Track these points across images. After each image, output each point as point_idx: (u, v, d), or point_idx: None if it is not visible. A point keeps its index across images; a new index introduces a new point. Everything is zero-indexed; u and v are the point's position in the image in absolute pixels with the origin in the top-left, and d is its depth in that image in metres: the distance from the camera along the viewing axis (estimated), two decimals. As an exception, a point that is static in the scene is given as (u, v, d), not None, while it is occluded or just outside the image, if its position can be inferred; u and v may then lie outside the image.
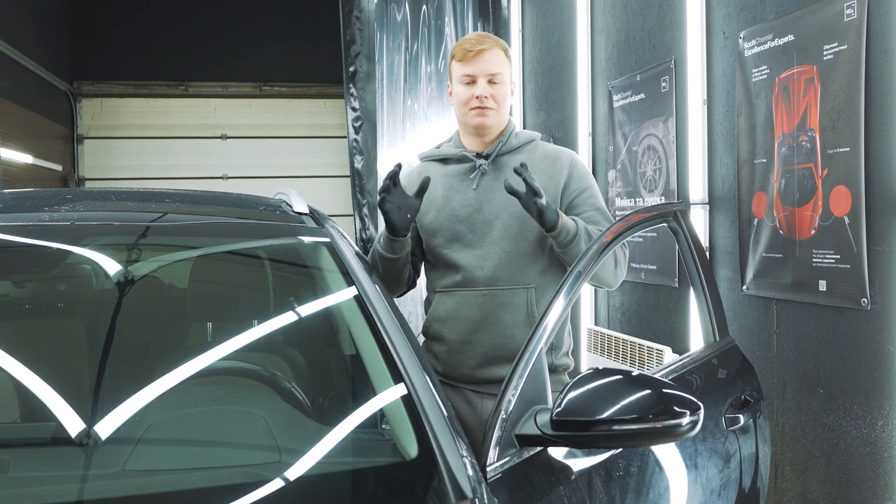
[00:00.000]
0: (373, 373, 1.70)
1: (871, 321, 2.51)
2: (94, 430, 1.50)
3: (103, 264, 1.82)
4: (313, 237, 2.00)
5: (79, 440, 1.44)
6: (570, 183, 2.36)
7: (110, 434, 1.52)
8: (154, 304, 1.91)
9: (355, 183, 5.54)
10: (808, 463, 2.83)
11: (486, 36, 2.38)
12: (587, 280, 2.07)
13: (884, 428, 2.49)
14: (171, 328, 1.89)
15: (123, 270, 1.85)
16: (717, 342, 2.52)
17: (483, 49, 2.31)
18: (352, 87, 5.45)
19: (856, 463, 2.60)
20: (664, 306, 3.76)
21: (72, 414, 1.47)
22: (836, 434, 2.69)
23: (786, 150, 2.89)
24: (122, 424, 1.55)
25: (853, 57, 2.55)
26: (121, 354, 1.67)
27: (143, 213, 2.07)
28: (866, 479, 2.56)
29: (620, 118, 4.11)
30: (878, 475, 2.51)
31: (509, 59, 2.38)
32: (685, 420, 1.61)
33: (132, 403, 1.60)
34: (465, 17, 5.61)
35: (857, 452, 2.59)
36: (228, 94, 10.62)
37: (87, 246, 1.81)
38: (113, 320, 1.78)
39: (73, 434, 1.44)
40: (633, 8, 3.98)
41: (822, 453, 2.76)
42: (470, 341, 2.33)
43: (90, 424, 1.54)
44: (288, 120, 10.78)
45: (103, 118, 9.97)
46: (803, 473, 2.86)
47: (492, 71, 2.31)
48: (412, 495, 1.41)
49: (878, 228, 2.47)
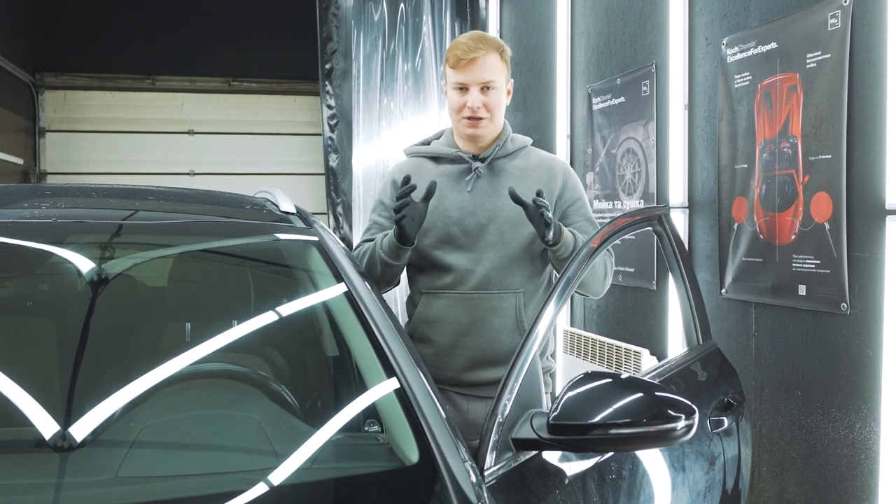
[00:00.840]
0: (369, 376, 1.69)
1: (851, 325, 2.55)
2: (85, 436, 1.47)
3: (91, 264, 1.78)
4: (303, 237, 1.98)
5: (69, 446, 1.40)
6: (564, 192, 2.38)
7: (102, 439, 1.49)
8: (141, 304, 1.88)
9: (330, 181, 5.50)
10: (786, 464, 2.87)
11: (481, 39, 2.32)
12: (576, 286, 2.08)
13: (861, 430, 2.53)
14: (159, 329, 1.86)
15: (109, 270, 1.81)
16: (700, 345, 2.55)
17: (475, 57, 2.26)
18: (328, 84, 5.41)
19: (833, 464, 2.65)
20: (641, 308, 3.79)
21: (63, 419, 1.44)
22: (813, 436, 2.74)
23: (767, 155, 2.92)
24: (114, 429, 1.52)
25: (836, 66, 2.59)
26: (110, 356, 1.64)
27: (128, 210, 2.02)
28: (843, 481, 2.60)
29: (599, 121, 4.13)
30: (855, 476, 2.56)
31: (506, 61, 2.34)
32: (680, 424, 1.62)
33: (125, 407, 1.57)
34: (443, 17, 5.60)
35: (835, 454, 2.64)
36: (196, 88, 10.48)
37: (75, 244, 1.77)
38: (97, 321, 1.74)
39: (65, 439, 1.40)
40: (615, 12, 4.00)
41: (799, 455, 2.81)
42: (458, 344, 2.33)
43: (80, 430, 1.51)
44: (257, 116, 10.68)
45: (66, 111, 9.79)
46: (780, 475, 2.91)
47: (484, 79, 2.27)
48: (415, 502, 1.39)
49: (858, 235, 2.52)
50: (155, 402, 1.53)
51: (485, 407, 2.38)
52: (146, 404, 1.51)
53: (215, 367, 1.78)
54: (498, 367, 2.32)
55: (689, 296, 2.56)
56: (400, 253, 2.27)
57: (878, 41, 2.43)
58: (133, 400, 1.54)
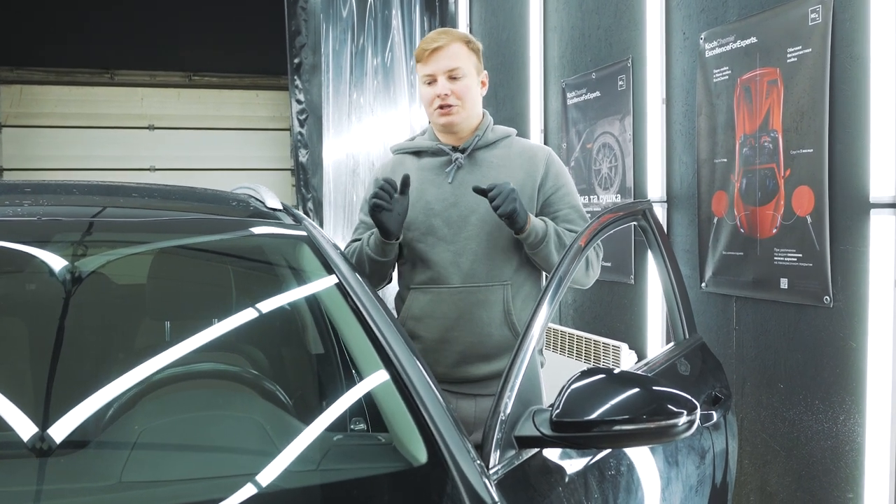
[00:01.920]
0: (368, 373, 1.65)
1: (834, 318, 2.58)
2: (86, 439, 1.42)
3: (80, 263, 1.72)
4: (293, 233, 1.94)
5: (69, 449, 1.35)
6: (547, 180, 2.36)
7: (102, 442, 1.44)
8: (131, 303, 1.82)
9: (300, 177, 5.43)
10: (768, 457, 2.90)
11: (444, 32, 2.36)
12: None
13: (845, 422, 2.56)
14: (150, 329, 1.81)
15: (98, 269, 1.76)
16: (686, 339, 2.55)
17: (438, 46, 2.29)
18: (297, 79, 5.35)
19: (817, 456, 2.67)
20: (619, 303, 3.80)
21: (63, 421, 1.38)
22: (796, 428, 2.76)
23: (747, 150, 2.94)
24: (112, 432, 1.47)
25: (818, 60, 2.61)
26: (108, 357, 1.59)
27: (116, 208, 1.96)
28: (828, 472, 2.63)
29: (574, 116, 4.13)
30: (839, 468, 2.59)
31: (473, 50, 2.35)
32: (682, 420, 1.62)
33: (122, 409, 1.53)
34: (412, 11, 5.55)
35: (819, 446, 2.66)
36: (157, 83, 10.32)
37: (65, 243, 1.71)
38: (88, 321, 1.69)
39: (65, 443, 1.35)
40: (589, 7, 4.00)
41: (781, 447, 2.83)
42: (446, 339, 2.31)
43: (79, 432, 1.45)
44: (218, 111, 10.54)
45: (23, 105, 9.56)
46: (762, 467, 2.93)
47: (449, 67, 2.29)
48: (428, 503, 1.37)
49: (841, 228, 2.54)
50: (154, 403, 1.49)
51: (473, 405, 2.36)
52: (146, 405, 1.47)
53: (211, 368, 1.74)
54: (488, 362, 2.30)
55: (674, 290, 2.56)
56: (386, 248, 2.26)
57: (861, 36, 2.45)
58: (133, 401, 1.50)
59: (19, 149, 9.47)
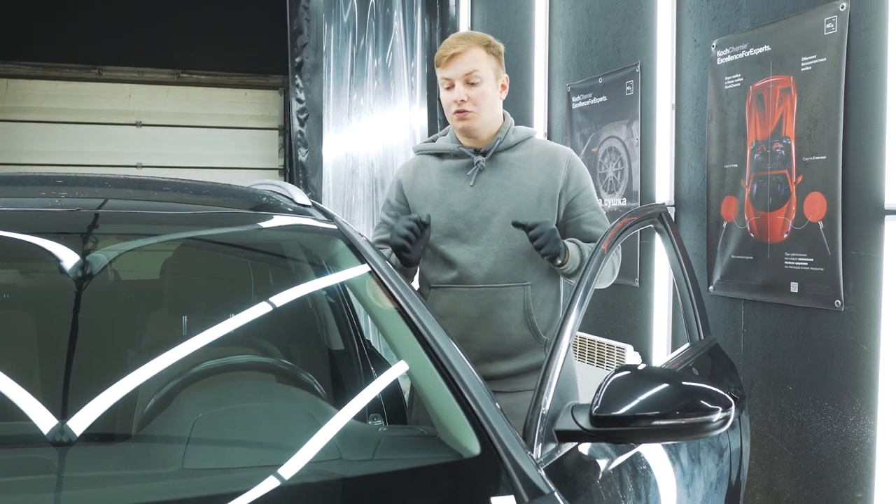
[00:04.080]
0: (413, 366, 1.67)
1: (845, 321, 2.64)
2: (145, 428, 1.43)
3: (121, 258, 1.73)
4: (327, 227, 1.96)
5: (131, 437, 1.36)
6: (570, 182, 2.39)
7: (158, 432, 1.46)
8: (172, 296, 1.83)
9: (299, 176, 5.43)
10: (775, 457, 2.95)
11: (465, 37, 2.37)
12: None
13: (855, 423, 2.62)
14: (192, 321, 1.82)
15: (139, 261, 1.77)
16: (701, 340, 2.60)
17: (457, 52, 2.31)
18: (297, 78, 5.34)
19: (826, 457, 2.73)
20: (624, 305, 3.84)
21: (122, 412, 1.40)
22: (804, 429, 2.82)
23: (759, 156, 2.99)
24: (167, 421, 1.48)
25: (833, 69, 2.67)
26: (156, 348, 1.59)
27: (150, 202, 1.97)
28: (836, 473, 2.68)
29: (579, 119, 4.17)
30: (848, 468, 2.64)
31: (493, 54, 2.36)
32: (717, 416, 1.67)
33: (168, 398, 1.54)
34: (413, 12, 5.58)
35: (828, 447, 2.72)
36: (145, 79, 10.24)
37: (109, 236, 1.72)
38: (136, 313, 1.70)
39: (126, 431, 1.36)
40: (596, 12, 4.05)
41: (789, 448, 2.88)
42: (467, 338, 2.33)
43: (138, 422, 1.47)
44: (206, 109, 10.48)
45: (9, 100, 9.45)
46: (769, 467, 2.98)
47: (466, 71, 2.30)
48: (485, 493, 1.39)
49: (854, 234, 2.60)
50: (204, 394, 1.50)
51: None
52: (196, 395, 1.48)
53: (249, 360, 1.75)
54: (508, 361, 2.33)
55: (689, 292, 2.60)
56: (409, 271, 2.36)
57: (877, 46, 2.51)
58: (181, 391, 1.51)
59: (5, 143, 9.37)
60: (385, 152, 5.67)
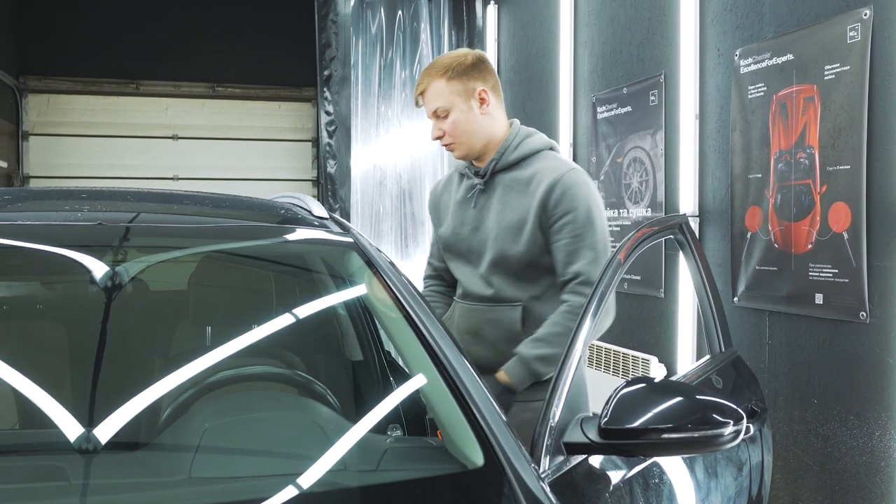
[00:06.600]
0: (422, 377, 1.68)
1: (870, 334, 2.59)
2: (149, 438, 1.46)
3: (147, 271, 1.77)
4: (342, 240, 1.98)
5: (145, 445, 1.39)
6: (547, 208, 2.21)
7: (168, 441, 1.48)
8: (189, 307, 1.87)
9: (328, 188, 5.49)
10: (801, 471, 2.90)
11: (426, 72, 2.33)
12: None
13: (881, 438, 2.57)
14: (215, 332, 1.85)
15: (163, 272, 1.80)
16: (722, 353, 2.57)
17: (421, 91, 2.32)
18: (326, 91, 5.40)
19: (851, 471, 2.68)
20: (648, 316, 3.82)
21: (142, 421, 1.43)
22: (830, 443, 2.77)
23: (783, 166, 2.96)
24: (177, 430, 1.51)
25: (856, 77, 2.63)
26: (176, 359, 1.63)
27: (169, 214, 2.01)
28: (862, 488, 2.64)
29: (604, 130, 4.16)
30: (874, 483, 2.59)
31: (455, 78, 2.27)
32: (728, 430, 1.64)
33: (180, 409, 1.56)
34: (440, 25, 5.61)
35: (853, 461, 2.67)
36: (181, 93, 10.42)
37: (132, 248, 1.76)
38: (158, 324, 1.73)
39: (142, 440, 1.39)
40: (621, 22, 4.04)
41: (815, 462, 2.84)
42: (468, 351, 2.33)
43: (142, 431, 1.49)
44: (241, 122, 10.63)
45: (50, 115, 9.68)
46: (795, 482, 2.93)
47: (431, 108, 2.31)
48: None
49: (879, 245, 2.56)
50: (216, 404, 1.53)
51: None
52: (208, 405, 1.50)
53: (263, 371, 1.77)
54: None
55: (710, 303, 2.57)
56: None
57: (900, 54, 2.47)
58: (195, 402, 1.54)
59: (45, 157, 9.60)
60: (413, 164, 5.70)
